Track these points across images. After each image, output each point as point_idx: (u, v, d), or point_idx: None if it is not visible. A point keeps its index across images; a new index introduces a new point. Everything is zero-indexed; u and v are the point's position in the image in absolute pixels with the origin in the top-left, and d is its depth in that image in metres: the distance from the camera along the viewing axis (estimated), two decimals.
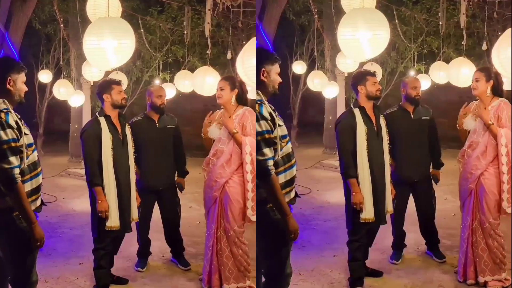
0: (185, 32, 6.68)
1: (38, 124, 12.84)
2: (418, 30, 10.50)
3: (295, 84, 13.35)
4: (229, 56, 5.82)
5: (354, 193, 4.56)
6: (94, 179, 4.59)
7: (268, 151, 3.43)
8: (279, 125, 3.54)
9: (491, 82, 4.69)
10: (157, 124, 5.29)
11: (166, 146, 5.35)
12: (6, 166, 3.36)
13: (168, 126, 5.36)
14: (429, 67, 8.16)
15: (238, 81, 4.81)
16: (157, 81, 9.60)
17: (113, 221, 4.60)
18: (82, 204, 7.26)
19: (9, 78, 3.52)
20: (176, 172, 5.46)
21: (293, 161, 3.62)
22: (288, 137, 3.62)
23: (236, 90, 4.70)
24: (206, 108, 12.43)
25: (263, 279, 3.89)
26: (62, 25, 7.40)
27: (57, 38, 10.95)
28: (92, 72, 7.18)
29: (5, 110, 3.44)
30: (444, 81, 7.75)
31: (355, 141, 4.58)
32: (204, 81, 6.26)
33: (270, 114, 3.50)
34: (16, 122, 3.47)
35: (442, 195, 5.61)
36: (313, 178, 9.65)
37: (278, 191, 3.47)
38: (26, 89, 3.63)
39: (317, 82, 9.11)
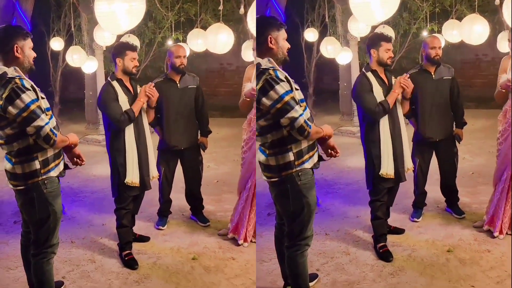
0: None
1: (53, 93, 12.71)
2: None
3: (309, 52, 12.97)
4: (241, 11, 5.68)
5: (395, 91, 4.56)
6: (131, 115, 4.57)
7: (299, 108, 3.41)
8: (296, 89, 3.52)
9: None
10: (178, 85, 5.29)
11: (187, 106, 5.34)
12: (42, 123, 3.40)
13: (189, 86, 5.35)
14: (442, 26, 7.95)
15: None
16: (169, 42, 9.52)
17: (134, 177, 4.64)
18: (102, 169, 7.35)
19: (16, 45, 3.49)
20: (199, 132, 5.48)
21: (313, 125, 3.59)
22: (305, 102, 3.58)
23: None
24: (222, 67, 12.35)
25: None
26: None
27: (67, 4, 10.85)
28: (104, 37, 7.09)
29: (18, 77, 3.44)
30: (457, 40, 7.53)
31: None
32: (216, 39, 6.10)
33: (286, 77, 3.47)
34: (32, 86, 3.48)
35: (460, 155, 5.60)
36: None
37: (319, 134, 3.55)
38: (35, 55, 3.60)
39: (330, 49, 8.84)
